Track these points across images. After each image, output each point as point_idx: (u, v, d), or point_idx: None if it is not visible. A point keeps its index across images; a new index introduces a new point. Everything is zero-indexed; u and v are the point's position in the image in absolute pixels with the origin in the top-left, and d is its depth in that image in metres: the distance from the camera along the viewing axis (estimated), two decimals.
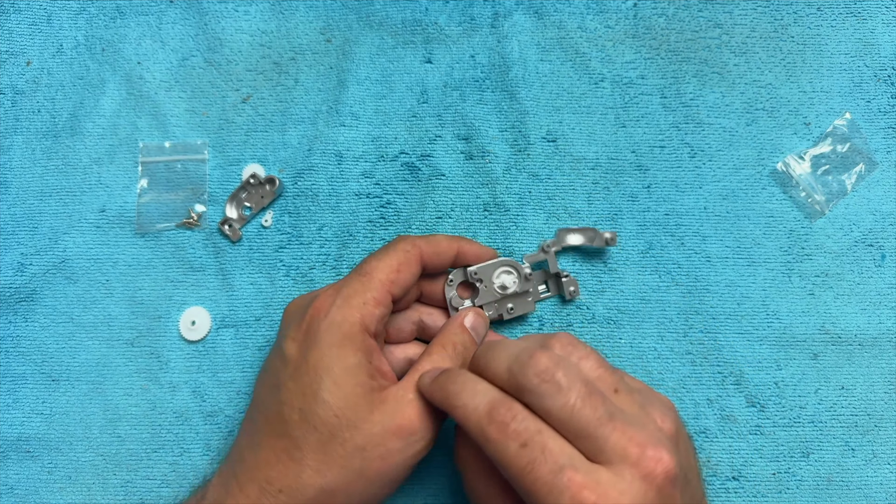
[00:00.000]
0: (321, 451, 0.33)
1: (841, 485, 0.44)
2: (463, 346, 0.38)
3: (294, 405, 0.34)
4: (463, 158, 0.48)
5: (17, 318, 0.46)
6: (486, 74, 0.49)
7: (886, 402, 0.45)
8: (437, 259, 0.40)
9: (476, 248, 0.42)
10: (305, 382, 0.34)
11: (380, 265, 0.37)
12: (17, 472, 0.45)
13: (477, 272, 0.43)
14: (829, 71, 0.48)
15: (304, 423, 0.34)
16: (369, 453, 0.33)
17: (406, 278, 0.38)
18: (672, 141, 0.48)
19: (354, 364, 0.34)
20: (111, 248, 0.47)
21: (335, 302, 0.36)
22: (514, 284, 0.43)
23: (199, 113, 0.49)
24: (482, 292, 0.43)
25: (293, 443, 0.34)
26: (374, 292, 0.36)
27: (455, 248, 0.41)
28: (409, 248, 0.39)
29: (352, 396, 0.34)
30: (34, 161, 0.48)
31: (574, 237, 0.45)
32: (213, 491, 0.36)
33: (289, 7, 0.50)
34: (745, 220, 0.47)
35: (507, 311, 0.44)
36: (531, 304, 0.44)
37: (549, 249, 0.45)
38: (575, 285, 0.45)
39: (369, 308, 0.36)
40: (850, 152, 0.47)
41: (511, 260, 0.44)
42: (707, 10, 0.49)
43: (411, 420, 0.34)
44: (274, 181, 0.47)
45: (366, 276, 0.37)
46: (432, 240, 0.40)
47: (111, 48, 0.50)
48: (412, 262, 0.38)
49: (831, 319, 0.46)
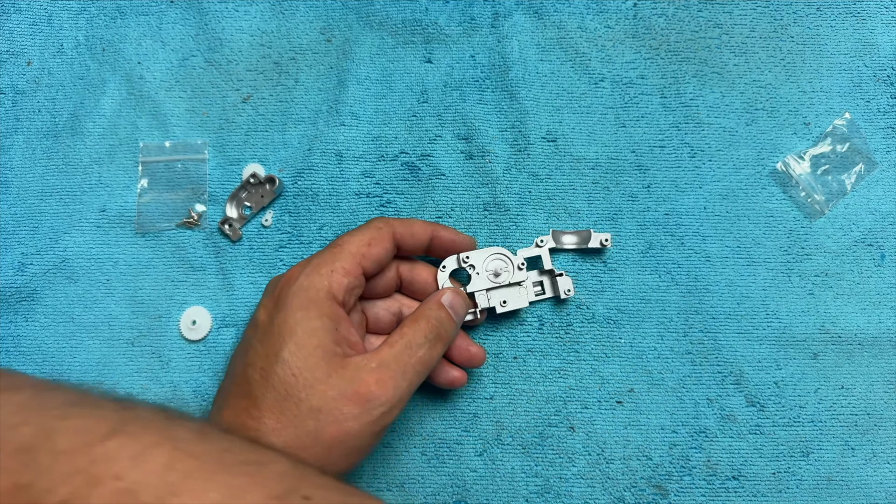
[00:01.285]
0: (277, 409, 0.34)
1: (841, 484, 0.44)
2: (438, 321, 0.39)
3: (257, 365, 0.35)
4: (463, 158, 0.48)
5: (17, 317, 0.47)
6: (486, 74, 0.49)
7: (886, 402, 0.45)
8: (411, 240, 0.41)
9: (451, 234, 0.42)
10: (269, 344, 0.35)
11: (351, 238, 0.38)
12: None
13: (469, 257, 0.43)
14: (828, 71, 0.48)
15: (263, 382, 0.34)
16: (324, 416, 0.34)
17: (378, 253, 0.39)
18: (672, 141, 0.48)
19: (318, 327, 0.35)
20: (112, 248, 0.47)
21: (304, 270, 0.37)
22: (506, 272, 0.43)
23: (200, 113, 0.49)
24: (474, 279, 0.43)
25: (253, 402, 0.34)
26: (342, 262, 0.37)
27: (429, 231, 0.41)
28: (381, 226, 0.39)
29: (311, 358, 0.34)
30: (35, 161, 0.48)
31: (568, 238, 0.46)
32: None
33: (289, 7, 0.50)
34: (744, 220, 0.47)
35: (500, 303, 0.43)
36: (524, 298, 0.44)
37: (542, 245, 0.45)
38: (570, 285, 0.45)
39: (337, 276, 0.37)
40: (849, 152, 0.47)
41: (503, 249, 0.44)
42: (707, 10, 0.49)
43: (369, 387, 0.35)
44: (274, 181, 0.47)
45: (336, 247, 0.38)
46: (407, 221, 0.41)
47: (111, 48, 0.50)
48: (384, 239, 0.39)
49: (831, 319, 0.46)
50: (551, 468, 0.44)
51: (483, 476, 0.44)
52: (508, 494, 0.44)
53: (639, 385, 0.45)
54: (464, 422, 0.45)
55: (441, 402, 0.45)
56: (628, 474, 0.44)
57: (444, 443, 0.45)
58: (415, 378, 0.37)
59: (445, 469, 0.45)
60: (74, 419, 0.25)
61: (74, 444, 0.24)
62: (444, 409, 0.45)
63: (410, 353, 0.37)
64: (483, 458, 0.45)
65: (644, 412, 0.45)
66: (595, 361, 0.45)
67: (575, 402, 0.45)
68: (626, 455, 0.44)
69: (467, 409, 0.45)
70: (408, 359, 0.37)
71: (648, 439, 0.44)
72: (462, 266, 0.43)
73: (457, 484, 0.44)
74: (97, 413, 0.26)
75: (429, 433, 0.45)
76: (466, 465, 0.45)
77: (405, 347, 0.37)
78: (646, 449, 0.44)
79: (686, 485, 0.44)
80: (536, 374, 0.45)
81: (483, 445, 0.45)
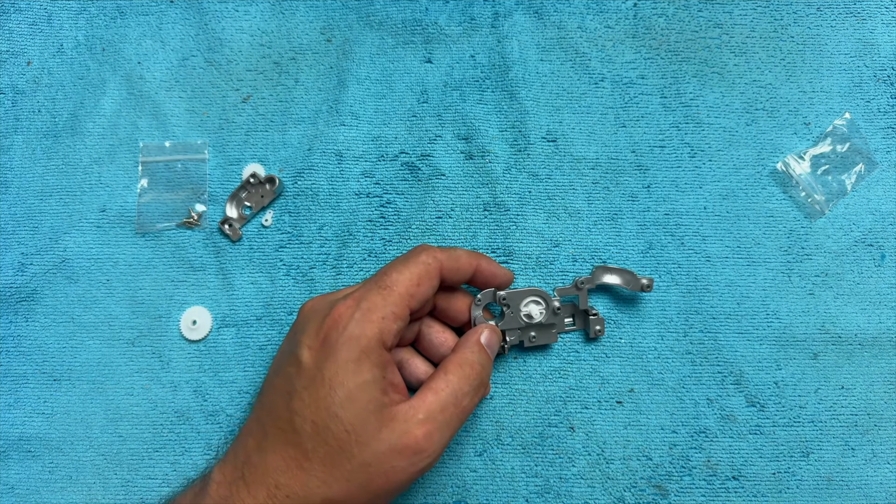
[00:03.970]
0: (329, 463, 0.34)
1: (841, 484, 0.44)
2: (480, 364, 0.38)
3: (307, 416, 0.34)
4: (463, 158, 0.48)
5: (17, 317, 0.47)
6: (486, 74, 0.49)
7: (886, 402, 0.45)
8: (455, 274, 0.40)
9: (494, 268, 0.42)
10: (320, 395, 0.34)
11: (401, 278, 0.37)
12: (18, 471, 0.45)
13: (506, 297, 0.43)
14: (828, 71, 0.48)
15: (315, 436, 0.34)
16: (375, 469, 0.34)
17: (425, 292, 0.38)
18: (672, 141, 0.48)
19: (370, 380, 0.35)
20: (112, 248, 0.47)
21: (354, 315, 0.35)
22: (540, 315, 0.43)
23: (200, 113, 0.49)
24: (507, 318, 0.43)
25: (303, 453, 0.34)
26: (393, 307, 0.36)
27: (474, 265, 0.40)
28: (430, 262, 0.38)
29: (363, 413, 0.34)
30: (34, 161, 0.48)
31: (611, 277, 0.45)
32: (216, 489, 0.36)
33: (289, 7, 0.50)
34: (745, 220, 0.47)
35: (528, 338, 0.44)
36: (554, 335, 0.44)
37: (582, 287, 0.44)
38: (601, 324, 0.44)
39: (388, 323, 0.36)
40: (849, 152, 0.47)
41: (542, 290, 0.43)
42: (707, 10, 0.49)
43: (418, 440, 0.34)
44: (274, 180, 0.47)
45: (386, 289, 0.36)
46: (453, 254, 0.39)
47: (111, 48, 0.50)
48: (432, 276, 0.38)
49: (831, 319, 0.46)
50: (551, 468, 0.44)
51: (483, 476, 0.44)
52: (508, 494, 0.44)
53: (639, 385, 0.45)
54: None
55: None
56: (628, 474, 0.44)
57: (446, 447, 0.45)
58: (458, 426, 0.37)
59: (445, 469, 0.45)
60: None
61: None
62: None
63: (457, 403, 0.36)
64: (483, 458, 0.45)
65: (644, 412, 0.45)
66: (595, 361, 0.45)
67: (575, 402, 0.45)
68: (626, 455, 0.44)
69: None
70: (454, 409, 0.36)
71: (648, 439, 0.44)
72: (496, 302, 0.43)
73: (457, 484, 0.44)
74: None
75: None
76: (466, 465, 0.45)
77: (451, 396, 0.36)
78: (646, 449, 0.44)
79: (686, 485, 0.44)
80: (536, 374, 0.45)
81: (483, 445, 0.45)
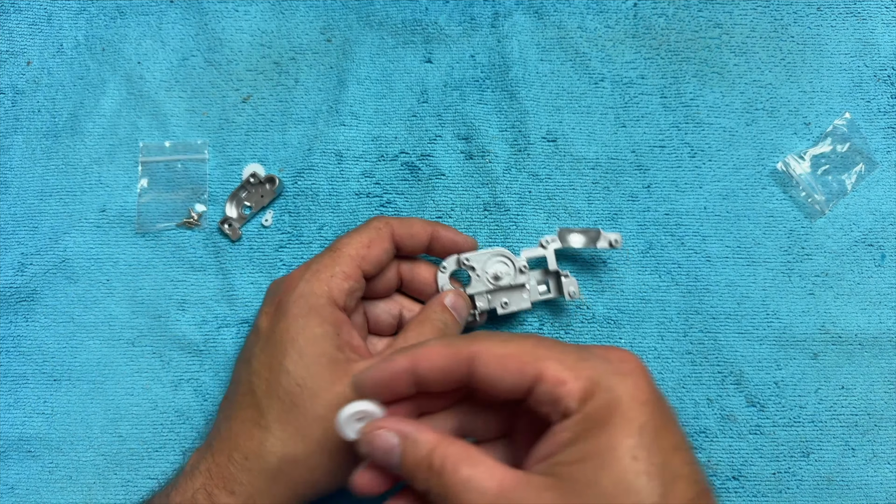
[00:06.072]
0: (284, 420, 0.34)
1: (841, 484, 0.44)
2: (443, 323, 0.38)
3: (262, 375, 0.35)
4: (463, 158, 0.48)
5: (17, 317, 0.47)
6: (486, 74, 0.49)
7: (886, 402, 0.45)
8: (410, 240, 0.40)
9: (452, 234, 0.42)
10: (272, 353, 0.35)
11: (349, 241, 0.38)
12: (18, 471, 0.45)
13: (469, 259, 0.42)
14: (829, 71, 0.48)
15: (269, 393, 0.35)
16: (329, 424, 0.33)
17: (377, 254, 0.38)
18: (672, 141, 0.48)
19: (319, 334, 0.35)
20: (111, 248, 0.47)
21: (304, 276, 0.37)
22: (507, 276, 0.42)
23: (200, 113, 0.49)
24: (474, 281, 0.42)
25: (260, 412, 0.35)
26: (342, 266, 0.37)
27: (429, 231, 0.41)
28: (380, 226, 0.39)
29: (314, 366, 0.34)
30: (34, 161, 0.48)
31: (575, 238, 0.44)
32: (190, 461, 0.37)
33: (289, 7, 0.50)
34: (745, 220, 0.47)
35: (500, 304, 0.43)
36: (527, 301, 0.43)
37: (547, 245, 0.43)
38: (575, 286, 0.44)
39: (337, 281, 0.37)
40: (849, 152, 0.47)
41: (505, 250, 0.43)
42: (707, 10, 0.49)
43: None
44: (274, 180, 0.47)
45: (335, 251, 0.38)
46: (406, 221, 0.40)
47: (111, 48, 0.50)
48: (383, 239, 0.39)
49: (831, 319, 0.46)
50: None
51: None
52: None
53: None
54: None
55: None
56: None
57: None
58: None
59: None
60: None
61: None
62: None
63: None
64: None
65: None
66: None
67: None
68: None
69: None
70: None
71: None
72: (462, 268, 0.42)
73: None
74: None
75: None
76: None
77: None
78: None
79: None
80: None
81: None
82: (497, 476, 0.27)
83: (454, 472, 0.28)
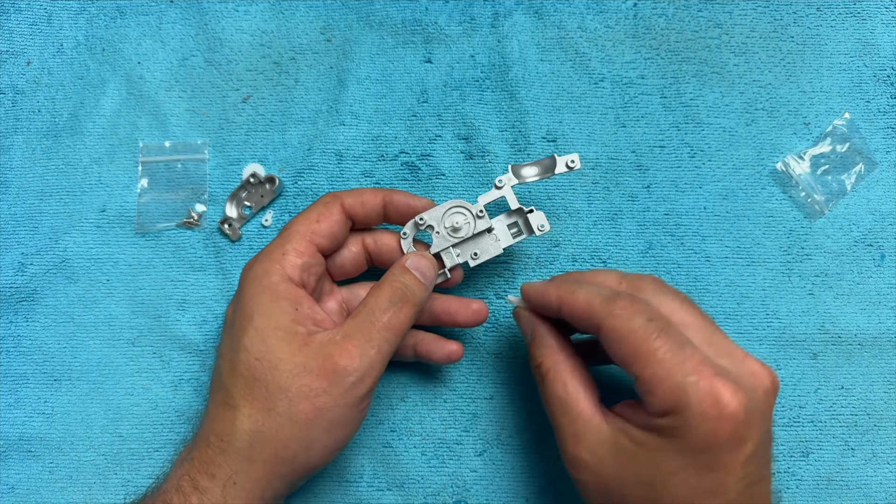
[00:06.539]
0: (249, 395, 0.35)
1: (841, 484, 0.44)
2: (402, 284, 0.38)
3: (227, 357, 0.36)
4: (463, 158, 0.48)
5: (18, 317, 0.47)
6: (486, 74, 0.49)
7: (886, 402, 0.45)
8: (362, 209, 0.40)
9: (406, 198, 0.41)
10: (233, 334, 0.37)
11: (299, 219, 0.39)
12: (18, 471, 0.45)
13: (424, 218, 0.41)
14: (828, 71, 0.48)
15: (232, 371, 0.35)
16: (294, 394, 0.34)
17: (327, 227, 0.39)
18: (672, 141, 0.48)
19: (273, 309, 0.36)
20: (112, 248, 0.47)
21: (258, 259, 0.38)
22: (466, 225, 0.41)
23: (199, 113, 0.49)
24: (436, 239, 0.41)
25: (227, 392, 0.35)
26: (293, 244, 0.38)
27: (380, 198, 0.40)
28: (328, 200, 0.40)
29: (271, 339, 0.35)
30: (34, 161, 0.48)
31: (529, 171, 0.42)
32: (182, 452, 0.38)
33: (289, 7, 0.50)
34: (744, 220, 0.47)
35: (471, 257, 0.41)
36: (497, 247, 0.42)
37: (502, 185, 0.41)
38: (543, 219, 0.41)
39: (290, 258, 0.37)
40: (849, 152, 0.47)
41: (461, 201, 0.41)
42: (707, 10, 0.49)
43: (334, 360, 0.35)
44: (274, 180, 0.47)
45: (286, 231, 0.39)
46: (355, 191, 0.41)
47: (111, 48, 0.50)
48: (333, 212, 0.39)
49: (831, 319, 0.46)
50: (551, 468, 0.44)
51: (483, 476, 0.44)
52: (508, 494, 0.44)
53: None
54: (464, 422, 0.45)
55: (441, 402, 0.45)
56: None
57: (444, 443, 0.45)
58: (384, 345, 0.36)
59: (445, 469, 0.45)
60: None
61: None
62: (443, 409, 0.45)
63: (374, 319, 0.36)
64: (483, 458, 0.45)
65: None
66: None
67: None
68: None
69: (467, 409, 0.45)
70: (371, 325, 0.36)
71: None
72: (419, 228, 0.41)
73: (457, 484, 0.44)
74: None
75: (429, 433, 0.45)
76: (466, 465, 0.45)
77: (368, 315, 0.36)
78: None
79: None
80: None
81: (483, 445, 0.45)
82: (583, 407, 0.35)
83: (553, 381, 0.36)
